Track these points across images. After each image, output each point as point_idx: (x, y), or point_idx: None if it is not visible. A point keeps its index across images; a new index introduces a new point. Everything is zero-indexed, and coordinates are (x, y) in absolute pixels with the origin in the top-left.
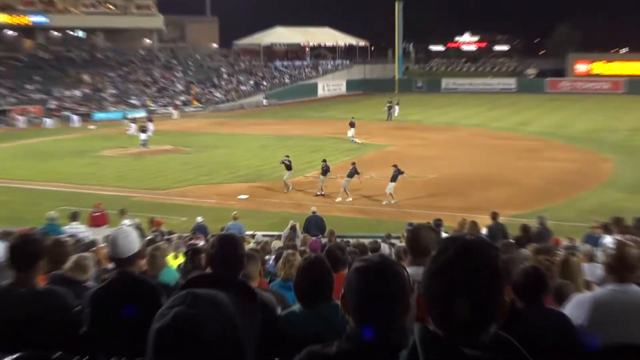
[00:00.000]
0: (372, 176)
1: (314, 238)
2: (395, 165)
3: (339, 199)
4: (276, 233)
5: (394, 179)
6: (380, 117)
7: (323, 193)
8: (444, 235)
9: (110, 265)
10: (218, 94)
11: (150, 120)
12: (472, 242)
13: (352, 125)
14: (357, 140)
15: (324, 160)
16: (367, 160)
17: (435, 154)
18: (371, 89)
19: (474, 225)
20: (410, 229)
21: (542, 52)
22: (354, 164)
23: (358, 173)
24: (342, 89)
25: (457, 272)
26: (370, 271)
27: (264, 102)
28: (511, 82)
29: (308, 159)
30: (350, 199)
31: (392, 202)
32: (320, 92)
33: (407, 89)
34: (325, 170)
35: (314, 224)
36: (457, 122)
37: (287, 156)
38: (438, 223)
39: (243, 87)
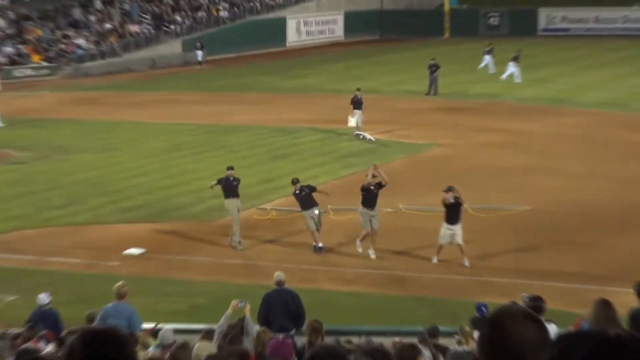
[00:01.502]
0: (400, 207)
1: (279, 336)
2: (451, 190)
3: (359, 246)
4: (203, 326)
5: (452, 216)
6: (416, 88)
7: (321, 246)
8: (552, 328)
9: None
10: (82, 41)
11: None
12: (618, 342)
13: (356, 104)
14: (366, 134)
15: (295, 182)
16: (390, 173)
17: (529, 164)
18: (394, 29)
19: (606, 306)
20: (487, 320)
21: None
22: (373, 182)
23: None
24: (337, 30)
25: None
26: None
27: (199, 56)
28: None
29: (268, 172)
30: (359, 247)
31: (466, 263)
32: (293, 37)
33: (468, 30)
34: (305, 198)
35: (281, 307)
36: (570, 98)
37: (231, 169)
38: (538, 305)
39: (133, 28)
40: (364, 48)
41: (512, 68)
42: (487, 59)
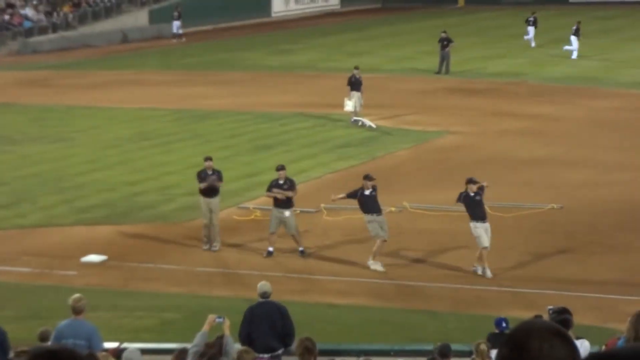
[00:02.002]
0: (406, 206)
1: (263, 357)
2: (473, 181)
3: (373, 264)
4: (175, 345)
5: (477, 213)
6: (425, 66)
7: (302, 250)
8: (584, 346)
9: None
10: (30, 12)
11: None
12: None
13: (354, 85)
14: (365, 120)
15: (280, 169)
16: (394, 166)
17: (555, 154)
18: None
19: None
20: (507, 337)
21: None
22: (367, 180)
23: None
24: None
25: None
26: None
27: (175, 27)
28: None
29: (250, 165)
30: (380, 266)
31: (487, 272)
32: (279, 5)
33: None
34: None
35: (266, 323)
36: (604, 77)
37: (209, 160)
38: (565, 318)
39: None
40: (363, 19)
41: (575, 43)
42: (530, 30)
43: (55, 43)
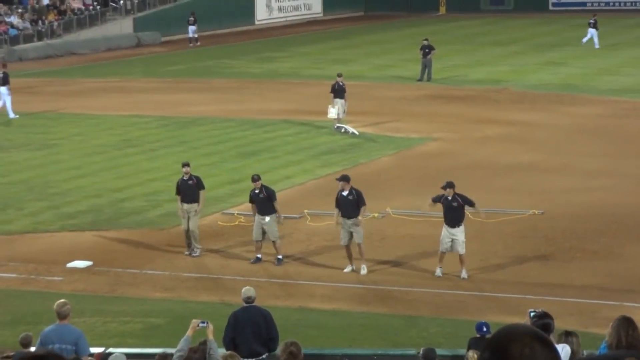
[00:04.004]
0: (388, 212)
1: None
2: (449, 187)
3: (364, 270)
4: (159, 350)
5: (453, 219)
6: (407, 74)
7: (280, 258)
8: (565, 350)
9: None
10: (15, 19)
11: None
12: None
13: (338, 92)
14: (349, 127)
15: (256, 179)
16: (377, 172)
17: (536, 160)
18: (381, 5)
19: (628, 326)
20: (488, 341)
21: None
22: (342, 180)
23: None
24: (314, 5)
25: None
26: None
27: (191, 31)
28: None
29: (235, 171)
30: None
31: (463, 274)
32: (262, 13)
33: (467, 4)
34: (264, 202)
35: (250, 328)
36: (584, 84)
37: (186, 166)
38: (545, 322)
39: (76, 4)
40: (346, 26)
41: (592, 33)
42: (592, 32)
43: (40, 51)
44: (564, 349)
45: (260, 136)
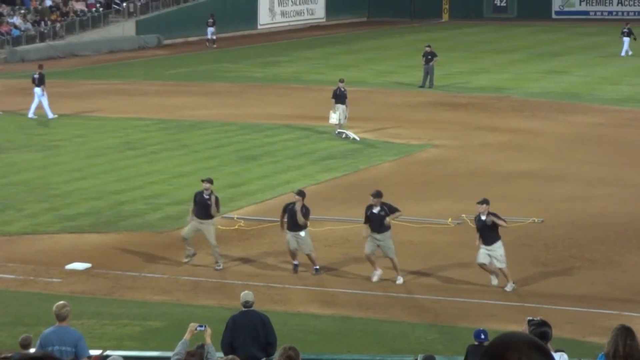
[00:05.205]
0: (387, 219)
1: None
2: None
3: (399, 280)
4: (157, 353)
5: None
6: (409, 80)
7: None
8: (562, 358)
9: None
10: (18, 20)
11: None
12: None
13: (339, 98)
14: (350, 133)
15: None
16: (377, 178)
17: (537, 169)
18: (384, 10)
19: (626, 334)
20: (485, 349)
21: None
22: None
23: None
24: (317, 10)
25: None
26: None
27: (209, 33)
28: None
29: (235, 175)
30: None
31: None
32: (265, 18)
33: (470, 11)
34: (294, 218)
35: (248, 333)
36: (586, 93)
37: (206, 182)
38: (543, 330)
39: (78, 6)
40: (348, 32)
41: (626, 41)
42: (626, 41)
43: (42, 52)
44: (561, 357)
45: (260, 140)
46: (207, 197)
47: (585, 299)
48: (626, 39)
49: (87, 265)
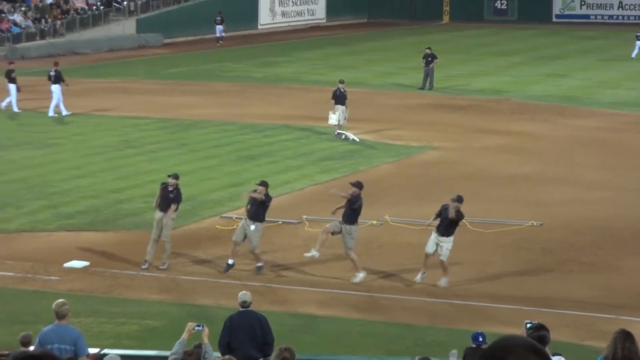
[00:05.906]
0: (386, 219)
1: None
2: (457, 204)
3: (357, 279)
4: (154, 352)
5: (446, 228)
6: (409, 82)
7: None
8: None
9: None
10: (18, 17)
11: None
12: None
13: (339, 99)
14: (349, 134)
15: (263, 185)
16: (377, 179)
17: (536, 172)
18: (385, 12)
19: (625, 338)
20: (484, 352)
21: None
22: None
23: (355, 212)
24: (318, 11)
25: None
26: None
27: (218, 31)
28: None
29: (234, 175)
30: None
31: (442, 283)
32: (265, 18)
33: (470, 14)
34: (257, 208)
35: (245, 333)
36: (586, 97)
37: (172, 178)
38: (541, 334)
39: (79, 3)
40: (349, 33)
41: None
42: (638, 45)
43: (42, 49)
44: None
45: (260, 140)
46: (170, 190)
47: (583, 302)
48: (638, 42)
49: (85, 263)
